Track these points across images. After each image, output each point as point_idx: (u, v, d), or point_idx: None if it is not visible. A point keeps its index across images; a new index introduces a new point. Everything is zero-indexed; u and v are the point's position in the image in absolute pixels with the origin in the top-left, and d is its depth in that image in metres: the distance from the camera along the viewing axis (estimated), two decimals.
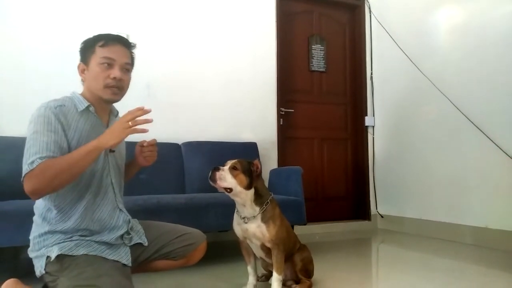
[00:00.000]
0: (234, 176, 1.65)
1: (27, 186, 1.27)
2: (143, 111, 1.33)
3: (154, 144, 1.61)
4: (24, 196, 1.34)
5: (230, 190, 1.65)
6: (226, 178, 1.64)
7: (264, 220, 1.71)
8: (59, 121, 1.37)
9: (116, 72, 1.45)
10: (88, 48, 1.47)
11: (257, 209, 1.71)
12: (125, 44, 1.51)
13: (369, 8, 4.22)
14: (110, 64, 1.44)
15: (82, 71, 1.49)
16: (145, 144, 1.60)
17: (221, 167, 1.66)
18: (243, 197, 1.69)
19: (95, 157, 1.33)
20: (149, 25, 3.24)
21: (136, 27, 3.17)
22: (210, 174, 1.64)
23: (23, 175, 1.29)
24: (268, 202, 1.73)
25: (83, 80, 1.51)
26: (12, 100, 2.75)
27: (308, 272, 1.91)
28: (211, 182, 1.63)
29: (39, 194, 1.32)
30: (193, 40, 3.40)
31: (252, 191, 1.70)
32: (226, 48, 3.52)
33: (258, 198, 1.72)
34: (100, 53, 1.44)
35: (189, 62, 3.36)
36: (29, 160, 1.28)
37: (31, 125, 1.35)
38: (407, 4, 3.81)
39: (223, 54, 3.50)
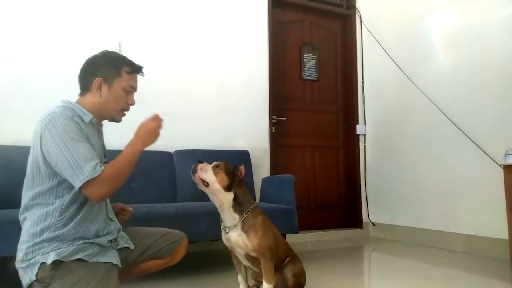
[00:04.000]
0: (215, 174, 1.67)
1: (98, 192, 1.35)
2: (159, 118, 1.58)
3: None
4: (12, 206, 1.33)
5: (207, 184, 1.66)
6: (207, 170, 1.67)
7: (244, 229, 1.69)
8: (83, 129, 1.43)
9: (133, 100, 1.61)
10: (113, 68, 1.53)
11: (237, 217, 1.71)
12: (139, 74, 1.64)
13: (360, 17, 4.28)
14: (130, 92, 1.59)
15: (98, 87, 1.52)
16: (125, 213, 1.76)
17: (205, 162, 1.70)
18: (221, 198, 1.69)
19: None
20: (141, 33, 3.25)
21: (128, 35, 3.18)
22: (193, 166, 1.67)
23: (84, 180, 1.31)
24: (249, 211, 1.72)
25: (86, 93, 1.53)
26: (2, 108, 2.72)
27: (300, 285, 1.90)
28: (191, 175, 1.66)
29: (107, 197, 1.45)
30: (186, 49, 3.40)
31: (230, 195, 1.70)
32: (219, 56, 3.53)
33: (238, 206, 1.71)
34: (126, 79, 1.56)
35: (181, 70, 3.37)
36: (88, 166, 1.32)
37: (58, 130, 1.35)
38: (397, 13, 3.87)
39: (215, 62, 3.51)
